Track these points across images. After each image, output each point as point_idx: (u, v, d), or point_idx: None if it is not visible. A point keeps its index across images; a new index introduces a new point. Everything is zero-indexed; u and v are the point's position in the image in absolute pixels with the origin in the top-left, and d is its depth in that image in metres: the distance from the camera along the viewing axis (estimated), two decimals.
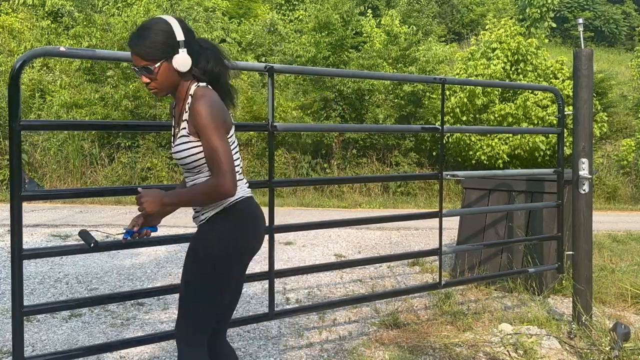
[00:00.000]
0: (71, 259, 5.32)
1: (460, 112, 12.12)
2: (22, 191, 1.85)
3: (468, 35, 25.17)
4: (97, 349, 2.32)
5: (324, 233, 7.13)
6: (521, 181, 4.53)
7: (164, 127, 2.69)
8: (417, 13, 18.94)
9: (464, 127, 4.49)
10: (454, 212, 3.52)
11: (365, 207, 10.68)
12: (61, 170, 11.00)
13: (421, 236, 7.22)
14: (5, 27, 13.02)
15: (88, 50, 2.03)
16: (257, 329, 3.55)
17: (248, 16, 18.84)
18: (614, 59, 25.50)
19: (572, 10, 30.81)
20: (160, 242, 2.49)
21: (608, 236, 7.24)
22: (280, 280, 4.75)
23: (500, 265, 4.59)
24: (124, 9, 13.72)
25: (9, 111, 1.83)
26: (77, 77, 12.40)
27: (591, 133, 3.44)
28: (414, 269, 5.34)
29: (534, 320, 3.63)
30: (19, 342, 1.86)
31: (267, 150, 11.19)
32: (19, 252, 1.86)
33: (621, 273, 4.94)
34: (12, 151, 1.84)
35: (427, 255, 3.30)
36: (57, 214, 8.02)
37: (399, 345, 3.32)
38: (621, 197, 13.21)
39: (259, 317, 2.53)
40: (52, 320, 3.65)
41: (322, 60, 13.15)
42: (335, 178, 9.01)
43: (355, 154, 13.02)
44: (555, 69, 12.68)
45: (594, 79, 3.55)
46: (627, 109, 16.32)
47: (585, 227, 3.45)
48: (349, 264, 3.08)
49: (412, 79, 4.15)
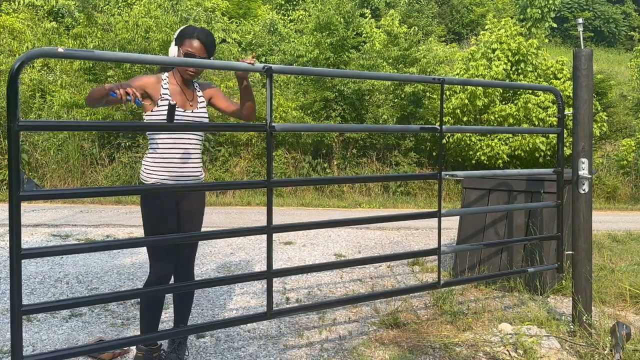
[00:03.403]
0: (71, 259, 5.33)
1: (460, 113, 12.12)
2: (21, 191, 1.86)
3: (468, 35, 25.18)
4: (95, 348, 2.32)
5: (324, 233, 7.13)
6: (521, 181, 4.53)
7: (164, 127, 2.69)
8: (417, 13, 18.94)
9: (462, 127, 4.48)
10: (453, 212, 3.52)
11: (365, 207, 10.69)
12: (61, 170, 11.00)
13: (421, 236, 7.22)
14: (6, 27, 13.01)
15: (86, 51, 2.03)
16: (257, 329, 3.55)
17: (248, 16, 18.84)
18: (614, 59, 25.50)
19: (572, 10, 30.80)
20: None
21: (608, 236, 7.24)
22: (280, 280, 4.76)
23: (500, 265, 4.59)
24: (124, 8, 13.71)
25: (7, 112, 1.83)
26: (78, 77, 12.41)
27: (591, 133, 3.44)
28: (414, 268, 5.34)
29: (534, 320, 3.63)
30: (17, 341, 1.86)
31: (267, 150, 11.21)
32: (18, 251, 1.86)
33: (621, 273, 4.94)
34: (11, 151, 1.84)
35: (426, 254, 3.30)
36: (58, 214, 8.03)
37: (398, 344, 3.32)
38: (621, 197, 13.21)
39: (257, 317, 2.53)
40: (53, 320, 3.65)
41: (323, 61, 13.16)
42: (334, 178, 9.02)
43: (356, 153, 13.02)
44: (556, 70, 12.68)
45: (593, 79, 3.55)
46: (626, 109, 16.31)
47: (585, 227, 3.45)
48: (348, 263, 3.07)
49: (411, 79, 4.16)
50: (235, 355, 3.14)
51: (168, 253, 2.83)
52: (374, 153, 13.15)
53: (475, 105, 12.01)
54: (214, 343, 3.31)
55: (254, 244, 6.25)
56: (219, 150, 12.15)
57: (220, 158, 12.09)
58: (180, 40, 2.79)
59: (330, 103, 13.01)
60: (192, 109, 2.84)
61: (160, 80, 2.78)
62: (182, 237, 2.75)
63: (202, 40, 2.78)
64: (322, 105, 12.92)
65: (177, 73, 2.85)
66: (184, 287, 2.86)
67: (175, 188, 2.73)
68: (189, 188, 2.78)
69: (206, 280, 2.56)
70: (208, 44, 2.81)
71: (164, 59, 2.40)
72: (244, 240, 6.48)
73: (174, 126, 2.66)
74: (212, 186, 5.02)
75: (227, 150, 12.15)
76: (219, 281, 2.69)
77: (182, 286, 2.85)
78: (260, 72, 2.38)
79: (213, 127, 4.37)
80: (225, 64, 2.69)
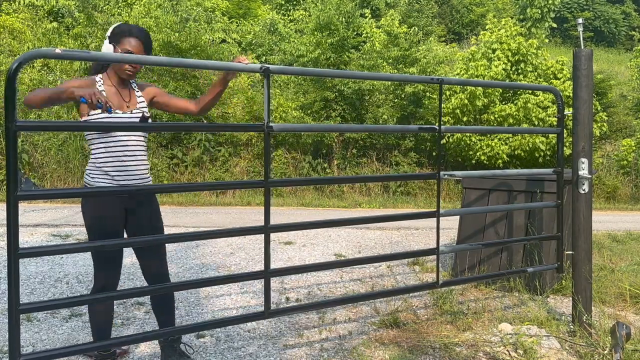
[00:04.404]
0: (71, 259, 5.32)
1: (460, 112, 12.12)
2: (18, 191, 1.86)
3: (468, 35, 25.17)
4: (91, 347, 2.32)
5: (324, 233, 7.13)
6: (521, 181, 4.53)
7: (163, 127, 2.69)
8: (417, 13, 18.94)
9: (461, 127, 4.47)
10: (452, 211, 3.51)
11: (365, 207, 10.69)
12: (61, 170, 11.01)
13: (421, 236, 7.22)
14: (6, 27, 13.02)
15: (83, 52, 2.04)
16: (257, 329, 3.55)
17: (248, 16, 18.84)
18: (614, 59, 25.50)
19: (572, 10, 30.80)
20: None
21: (608, 236, 7.23)
22: (280, 280, 4.76)
23: (500, 265, 4.58)
24: (124, 8, 13.72)
25: (5, 112, 1.84)
26: (78, 77, 12.41)
27: (591, 133, 3.44)
28: (414, 268, 5.34)
29: (533, 320, 3.62)
30: (15, 339, 1.86)
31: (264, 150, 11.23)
32: (15, 250, 1.88)
33: (621, 273, 4.93)
34: (9, 151, 1.86)
35: (424, 254, 3.29)
36: (58, 214, 8.03)
37: (398, 344, 3.31)
38: (621, 197, 13.21)
39: (254, 316, 2.53)
40: (53, 319, 3.65)
41: (323, 61, 13.16)
42: (332, 178, 9.00)
43: (356, 153, 13.02)
44: (556, 70, 12.67)
45: (593, 79, 3.55)
46: (626, 109, 16.30)
47: (585, 227, 3.45)
48: (346, 263, 3.07)
49: (409, 80, 4.16)
50: (235, 355, 3.14)
51: (114, 262, 2.74)
52: (374, 153, 13.15)
53: (475, 105, 12.00)
54: (214, 343, 3.31)
55: (254, 244, 6.25)
56: (219, 150, 12.15)
57: (220, 158, 12.09)
58: (116, 39, 2.69)
59: (330, 103, 13.02)
60: (130, 109, 2.72)
61: (94, 82, 2.68)
62: (181, 236, 2.74)
63: (139, 37, 2.69)
64: (322, 105, 12.92)
65: (112, 73, 2.74)
66: (169, 287, 2.83)
67: (173, 189, 2.73)
68: (186, 189, 2.76)
69: (205, 279, 2.55)
70: (146, 41, 2.73)
71: (163, 60, 2.40)
72: (244, 240, 6.48)
73: (173, 126, 2.66)
74: (210, 186, 5.01)
75: (227, 150, 12.15)
76: (216, 280, 2.68)
77: (177, 285, 2.84)
78: (258, 72, 2.38)
79: (212, 127, 4.37)
80: (222, 64, 2.67)
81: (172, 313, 2.99)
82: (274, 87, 13.62)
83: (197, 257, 5.51)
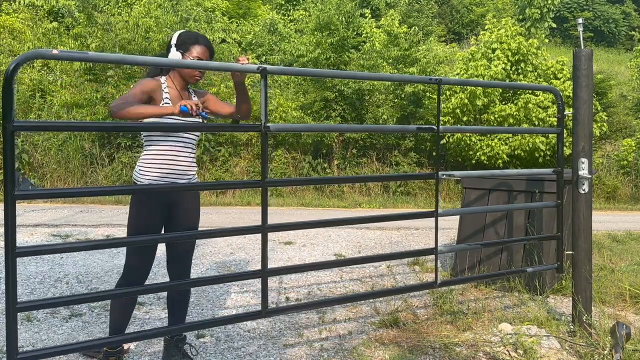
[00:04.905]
0: (71, 259, 5.32)
1: (460, 112, 12.11)
2: (16, 190, 1.87)
3: (468, 35, 25.17)
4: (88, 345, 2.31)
5: (324, 233, 7.13)
6: (521, 181, 4.52)
7: (164, 128, 2.69)
8: (417, 13, 18.94)
9: (460, 127, 4.46)
10: (450, 211, 3.51)
11: (365, 207, 10.68)
12: (61, 170, 11.01)
13: (421, 236, 7.21)
14: (6, 27, 13.02)
15: (81, 53, 2.04)
16: (257, 329, 3.55)
17: (248, 16, 18.84)
18: (614, 59, 25.48)
19: (571, 10, 30.79)
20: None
21: (608, 236, 7.23)
22: (279, 280, 4.75)
23: (500, 265, 4.58)
24: (124, 8, 13.71)
25: (2, 112, 1.84)
26: (78, 77, 12.41)
27: (591, 133, 3.43)
28: (414, 268, 5.34)
29: (533, 320, 3.62)
30: (12, 338, 1.87)
31: (261, 150, 11.27)
32: (12, 249, 1.88)
33: (621, 273, 4.92)
34: (6, 151, 1.86)
35: (423, 254, 3.29)
36: (58, 214, 8.02)
37: (398, 344, 3.31)
38: (621, 197, 13.20)
39: (252, 315, 2.53)
40: (53, 319, 3.65)
41: (324, 61, 13.15)
42: (330, 178, 8.97)
43: (355, 153, 13.02)
44: (556, 70, 12.66)
45: (593, 79, 3.55)
46: (626, 109, 16.29)
47: (585, 227, 3.44)
48: (345, 262, 3.06)
49: (407, 80, 4.15)
50: (235, 355, 3.13)
51: (148, 255, 2.78)
52: (374, 153, 13.14)
53: (475, 105, 11.99)
54: (214, 343, 3.31)
55: (253, 244, 6.24)
56: (219, 150, 12.15)
57: (220, 158, 12.09)
58: (185, 47, 2.79)
59: (330, 103, 13.01)
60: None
61: (160, 85, 2.77)
62: (179, 235, 2.74)
63: (206, 45, 2.84)
64: (322, 105, 12.91)
65: (176, 77, 2.83)
66: (177, 285, 2.83)
67: (172, 188, 2.73)
68: (183, 188, 2.76)
69: (202, 278, 2.55)
70: (211, 48, 2.87)
71: (161, 61, 2.40)
72: (244, 240, 6.47)
73: (173, 126, 2.65)
74: (207, 186, 5.01)
75: (227, 150, 12.15)
76: (215, 279, 2.68)
77: (176, 284, 2.83)
78: (255, 72, 2.37)
79: (210, 127, 4.36)
80: (220, 65, 2.67)
81: (183, 313, 3.04)
82: (274, 87, 13.61)
83: (197, 257, 5.50)
